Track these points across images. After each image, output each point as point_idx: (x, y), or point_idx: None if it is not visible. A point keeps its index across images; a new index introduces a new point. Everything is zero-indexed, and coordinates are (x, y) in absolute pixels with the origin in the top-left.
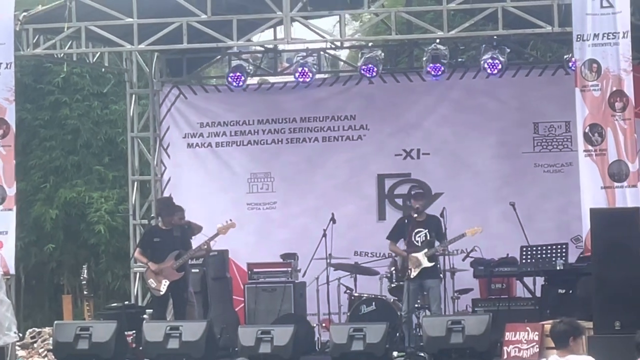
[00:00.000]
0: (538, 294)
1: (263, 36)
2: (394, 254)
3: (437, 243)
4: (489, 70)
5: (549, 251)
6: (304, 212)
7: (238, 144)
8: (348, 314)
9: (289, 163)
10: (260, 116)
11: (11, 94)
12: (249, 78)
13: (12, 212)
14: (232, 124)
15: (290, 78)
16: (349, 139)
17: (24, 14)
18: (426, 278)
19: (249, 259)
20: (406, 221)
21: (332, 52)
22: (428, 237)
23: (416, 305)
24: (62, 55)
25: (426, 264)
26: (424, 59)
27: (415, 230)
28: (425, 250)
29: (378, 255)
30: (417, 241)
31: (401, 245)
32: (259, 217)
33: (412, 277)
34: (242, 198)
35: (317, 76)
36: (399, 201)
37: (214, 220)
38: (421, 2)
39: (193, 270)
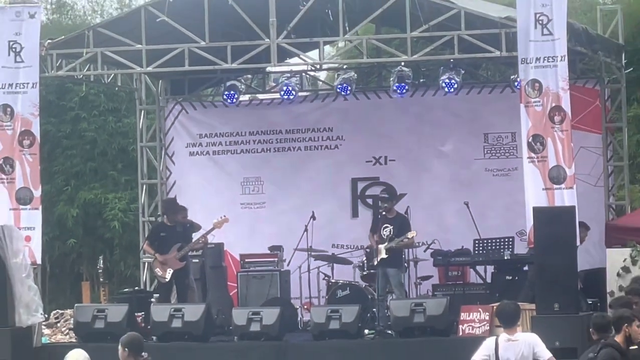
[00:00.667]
0: (488, 280)
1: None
2: (366, 246)
3: (396, 239)
4: (446, 89)
5: (497, 243)
6: (289, 210)
7: (232, 152)
8: (326, 297)
9: (276, 168)
10: (251, 128)
11: (36, 110)
12: (241, 95)
13: (37, 211)
14: (227, 135)
15: (277, 95)
16: (327, 147)
17: (49, 41)
18: (386, 267)
19: (242, 250)
20: (379, 217)
21: (312, 73)
22: (391, 233)
23: (387, 290)
24: (81, 76)
25: (383, 255)
26: (391, 79)
27: (384, 226)
28: (386, 243)
29: (352, 247)
30: (384, 235)
31: None
32: (251, 215)
33: (375, 265)
34: (236, 198)
35: (300, 94)
36: (370, 201)
37: (213, 217)
38: (388, 30)
39: (193, 260)
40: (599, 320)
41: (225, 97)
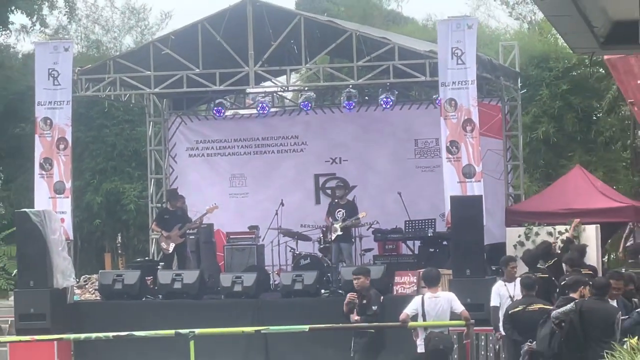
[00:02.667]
0: (416, 252)
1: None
2: (323, 226)
3: (348, 220)
4: (384, 105)
5: (423, 224)
6: (265, 199)
7: (222, 154)
8: (292, 265)
9: (256, 167)
10: (236, 136)
11: (69, 121)
12: (227, 110)
13: (68, 199)
14: (217, 141)
15: (254, 110)
16: (294, 151)
17: (79, 68)
18: (340, 241)
19: (228, 229)
20: (334, 204)
21: (281, 93)
22: (344, 215)
23: (339, 260)
24: (103, 95)
25: (339, 232)
26: (342, 97)
27: (337, 210)
28: (340, 223)
29: (314, 227)
30: (337, 217)
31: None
32: (236, 203)
33: (332, 240)
34: (225, 190)
35: (272, 109)
36: (329, 191)
37: (206, 205)
38: (339, 60)
39: (190, 237)
40: (526, 280)
41: (214, 112)
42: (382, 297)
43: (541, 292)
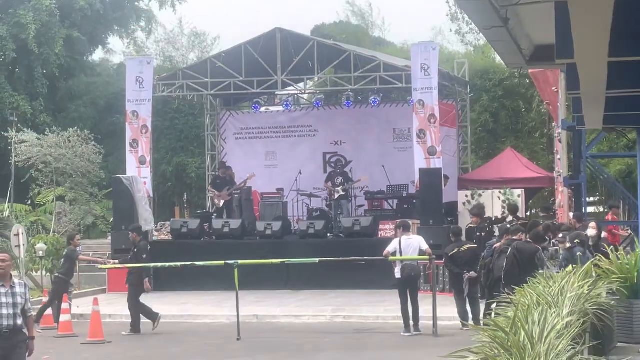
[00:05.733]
0: (394, 207)
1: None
2: (327, 189)
3: (351, 182)
4: (372, 104)
5: (399, 188)
6: (289, 169)
7: (258, 138)
8: (307, 216)
9: (282, 147)
10: (268, 125)
11: (150, 114)
12: (261, 107)
13: (148, 168)
14: (254, 128)
15: (281, 108)
16: (309, 136)
17: (157, 76)
18: (340, 200)
19: (262, 190)
20: (333, 173)
21: (300, 95)
22: (342, 181)
23: (339, 212)
24: (174, 95)
25: (341, 193)
26: (343, 98)
27: (337, 177)
28: (341, 186)
29: (323, 189)
30: (337, 182)
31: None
32: (267, 172)
33: (335, 199)
34: (260, 163)
35: (293, 106)
36: (332, 164)
37: (247, 173)
38: (341, 72)
39: (235, 196)
40: (455, 229)
41: (253, 107)
42: None
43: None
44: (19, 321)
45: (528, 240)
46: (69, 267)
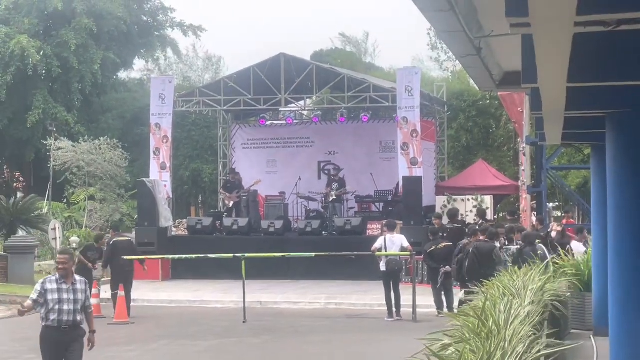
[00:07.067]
0: (381, 209)
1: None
2: (324, 193)
3: (341, 189)
4: (363, 120)
5: (385, 192)
6: (289, 175)
7: (263, 148)
8: (305, 216)
9: (283, 156)
10: (272, 137)
11: (170, 126)
12: (267, 121)
13: (168, 173)
14: (260, 139)
15: (283, 122)
16: (306, 146)
17: (177, 94)
18: (335, 203)
19: (266, 193)
20: (331, 179)
21: (300, 111)
22: (337, 186)
23: (333, 214)
24: (192, 110)
25: (334, 197)
26: (337, 114)
27: (333, 183)
28: (335, 191)
29: (318, 193)
30: (332, 188)
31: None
32: (272, 178)
33: (329, 202)
34: (264, 170)
35: (295, 121)
36: (326, 172)
37: (253, 179)
38: (337, 92)
39: (243, 197)
40: (433, 229)
41: (259, 121)
42: None
43: (450, 235)
44: (79, 317)
45: (486, 239)
46: (99, 258)
